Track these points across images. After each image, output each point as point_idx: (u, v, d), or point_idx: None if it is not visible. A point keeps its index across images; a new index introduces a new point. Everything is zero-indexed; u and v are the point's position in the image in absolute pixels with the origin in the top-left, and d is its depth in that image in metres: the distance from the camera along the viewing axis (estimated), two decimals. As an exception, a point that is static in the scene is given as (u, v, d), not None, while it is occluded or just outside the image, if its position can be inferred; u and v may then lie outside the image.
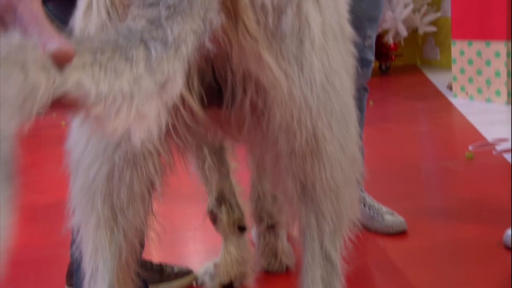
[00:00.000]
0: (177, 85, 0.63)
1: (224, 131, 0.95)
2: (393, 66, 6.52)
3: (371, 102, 4.52)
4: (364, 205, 1.95)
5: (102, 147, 0.83)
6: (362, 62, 1.84)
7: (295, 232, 0.99)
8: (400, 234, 1.87)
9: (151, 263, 1.56)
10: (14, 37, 0.47)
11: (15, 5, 0.54)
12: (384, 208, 1.94)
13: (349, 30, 0.95)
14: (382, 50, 6.28)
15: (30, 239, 1.98)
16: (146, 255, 1.49)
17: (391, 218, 1.90)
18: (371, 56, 1.88)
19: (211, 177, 1.53)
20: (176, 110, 0.84)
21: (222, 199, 1.53)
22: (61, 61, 0.49)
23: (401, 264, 1.66)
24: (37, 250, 1.90)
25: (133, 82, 0.56)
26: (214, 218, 1.54)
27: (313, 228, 0.90)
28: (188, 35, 0.64)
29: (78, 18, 0.84)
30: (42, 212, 2.25)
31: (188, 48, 0.64)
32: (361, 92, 1.94)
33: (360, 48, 1.79)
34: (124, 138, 0.82)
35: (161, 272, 1.56)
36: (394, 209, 1.96)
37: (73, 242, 0.97)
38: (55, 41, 0.50)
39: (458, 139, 3.28)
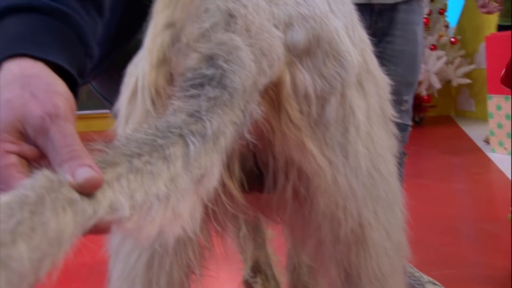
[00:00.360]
0: (214, 178, 0.61)
1: (264, 215, 0.93)
2: (427, 117, 6.46)
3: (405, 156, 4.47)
4: (404, 273, 1.88)
5: None
6: (399, 127, 1.81)
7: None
8: (443, 306, 1.80)
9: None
10: (38, 176, 0.46)
11: (48, 128, 0.53)
12: (425, 277, 1.87)
13: (390, 110, 0.94)
14: (415, 101, 6.20)
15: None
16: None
17: (433, 288, 1.83)
18: (408, 121, 1.85)
19: (246, 246, 1.50)
20: (216, 196, 0.83)
21: (258, 269, 1.49)
22: (90, 190, 0.48)
23: None
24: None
25: (170, 183, 0.55)
26: (249, 289, 1.51)
27: None
28: (227, 127, 0.63)
29: (123, 104, 0.84)
30: (76, 273, 2.24)
31: (226, 140, 0.62)
32: (400, 157, 1.90)
33: (397, 113, 1.78)
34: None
35: None
36: (434, 277, 1.89)
37: None
38: (84, 168, 0.49)
39: (499, 199, 3.17)
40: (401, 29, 1.75)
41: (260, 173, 0.84)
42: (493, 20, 5.07)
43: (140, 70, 0.83)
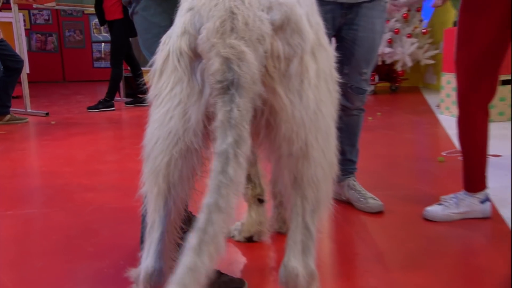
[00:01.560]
0: None
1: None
2: (401, 87, 6.35)
3: (378, 113, 4.42)
4: (355, 190, 1.97)
5: (166, 145, 0.90)
6: (359, 90, 1.86)
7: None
8: (379, 213, 1.89)
9: (195, 217, 1.62)
10: None
11: None
12: (368, 194, 1.95)
13: (335, 74, 0.98)
14: (392, 75, 6.13)
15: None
16: (194, 212, 1.55)
17: (373, 201, 1.92)
18: (366, 87, 1.88)
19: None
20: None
21: (249, 179, 1.57)
22: None
23: (376, 235, 1.68)
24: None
25: None
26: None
27: (298, 207, 0.94)
28: (249, 112, 0.80)
29: (159, 62, 0.91)
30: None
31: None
32: (359, 112, 1.95)
33: (357, 80, 1.83)
34: (180, 139, 0.90)
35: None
36: (378, 195, 1.97)
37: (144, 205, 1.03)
38: None
39: (436, 146, 3.20)
40: (363, 21, 1.76)
41: None
42: (452, 18, 4.90)
43: (171, 40, 0.90)
